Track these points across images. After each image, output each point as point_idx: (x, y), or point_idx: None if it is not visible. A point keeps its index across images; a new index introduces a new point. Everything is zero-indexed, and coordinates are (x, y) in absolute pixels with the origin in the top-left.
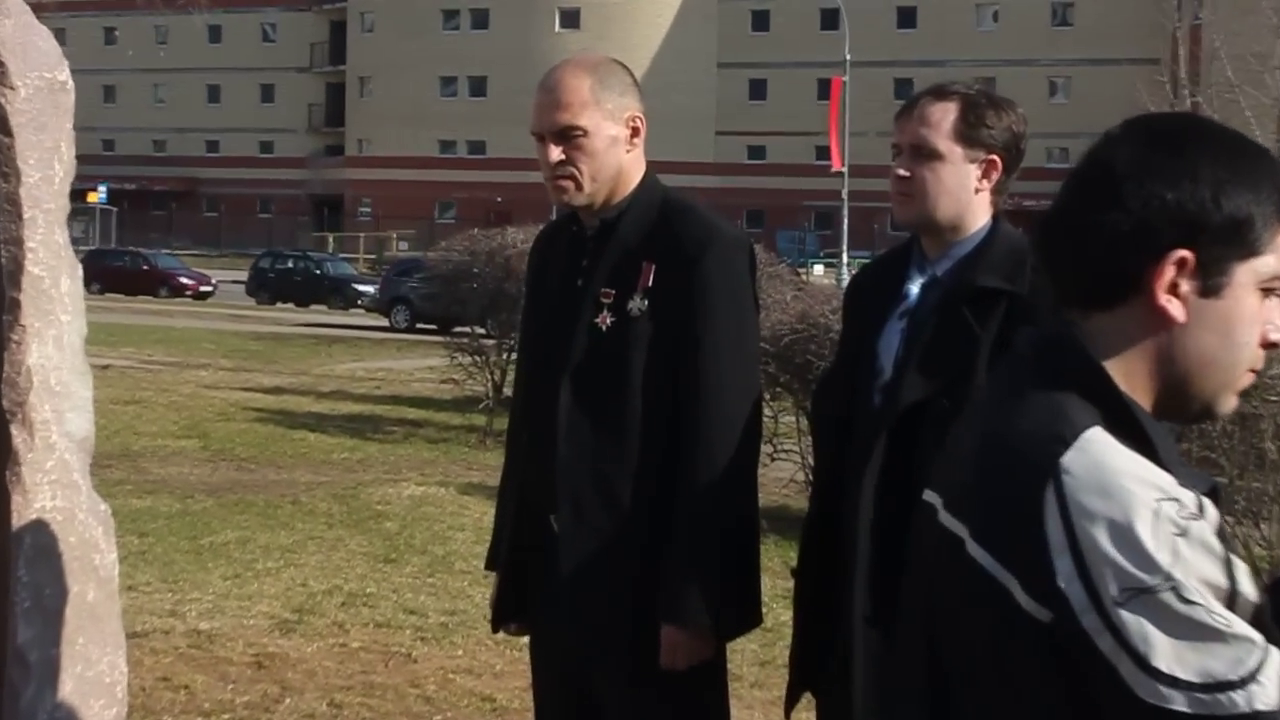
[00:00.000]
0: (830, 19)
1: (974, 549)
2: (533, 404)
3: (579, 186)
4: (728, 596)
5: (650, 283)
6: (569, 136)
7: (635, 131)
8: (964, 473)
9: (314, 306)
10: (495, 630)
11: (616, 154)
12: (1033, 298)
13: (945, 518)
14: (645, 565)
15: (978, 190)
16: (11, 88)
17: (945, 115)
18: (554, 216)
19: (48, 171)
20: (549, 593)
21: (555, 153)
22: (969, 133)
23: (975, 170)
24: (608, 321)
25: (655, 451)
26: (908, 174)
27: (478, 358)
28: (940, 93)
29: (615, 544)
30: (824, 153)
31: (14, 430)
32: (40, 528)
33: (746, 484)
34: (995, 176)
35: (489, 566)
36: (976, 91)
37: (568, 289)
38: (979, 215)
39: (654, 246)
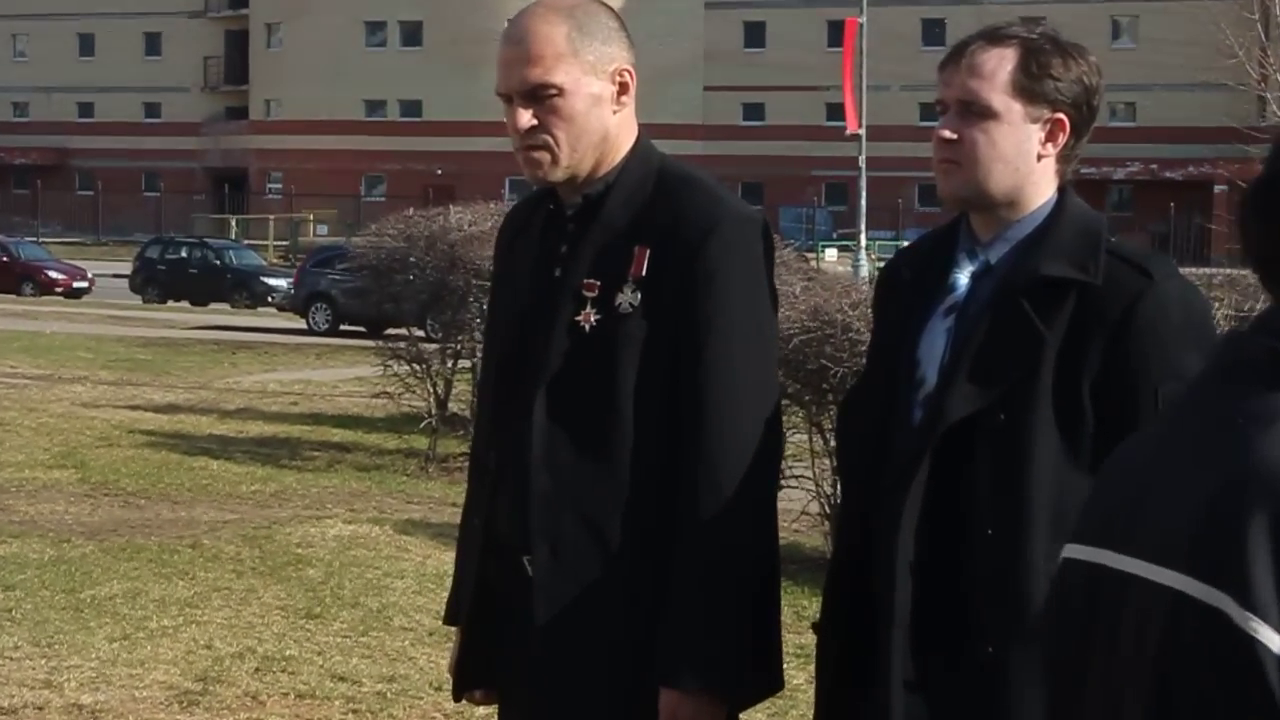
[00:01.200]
0: None
1: (1250, 624)
2: (501, 422)
3: (555, 158)
4: (740, 655)
5: (644, 271)
6: (541, 97)
7: (624, 88)
8: (1189, 521)
9: (214, 305)
10: (457, 699)
11: (600, 116)
12: (1108, 289)
13: (1173, 581)
14: (639, 617)
15: (1040, 157)
16: None
17: (1001, 64)
18: (505, 192)
19: None
20: (523, 652)
21: (525, 117)
22: (1030, 86)
23: (1038, 132)
24: (592, 320)
25: (651, 479)
26: (955, 136)
27: (417, 366)
28: (994, 36)
29: (603, 592)
30: (836, 111)
31: None
32: None
33: (762, 518)
34: (1062, 140)
35: (449, 621)
36: (1040, 34)
37: (543, 281)
38: (1042, 188)
39: (648, 228)
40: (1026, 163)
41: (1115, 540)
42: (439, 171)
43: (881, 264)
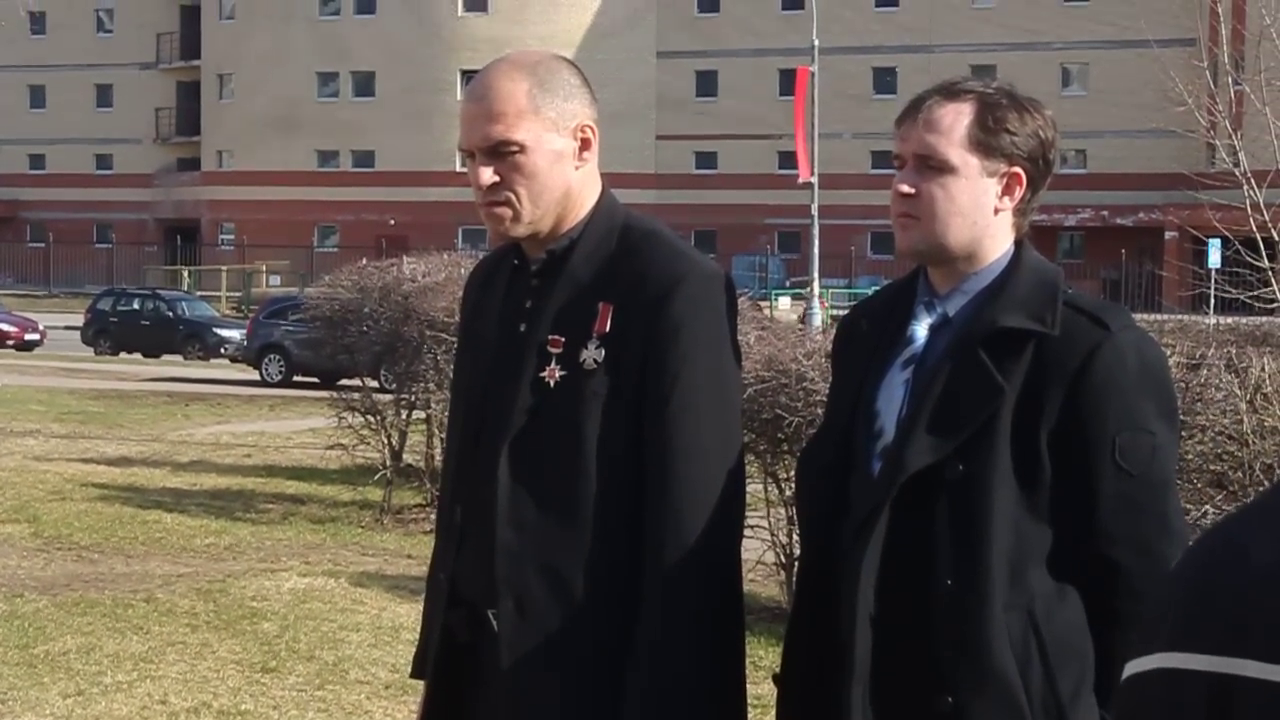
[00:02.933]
0: None
1: None
2: (466, 477)
3: (517, 214)
4: (704, 709)
5: (608, 327)
6: (503, 153)
7: (585, 144)
8: None
9: (167, 357)
10: None
11: (562, 172)
12: (1065, 340)
13: None
14: (604, 671)
15: (997, 210)
16: None
17: (958, 119)
18: (457, 242)
19: None
20: (488, 707)
21: (487, 174)
22: (987, 140)
23: (995, 186)
24: (556, 375)
25: (615, 534)
26: (912, 191)
27: (371, 418)
28: (950, 92)
29: (568, 645)
30: (789, 160)
31: None
32: None
33: (727, 573)
34: (1019, 193)
35: (415, 674)
36: (995, 89)
37: (508, 336)
38: (999, 241)
39: (612, 283)
40: (984, 216)
41: (1257, 648)
42: (392, 222)
43: (836, 312)
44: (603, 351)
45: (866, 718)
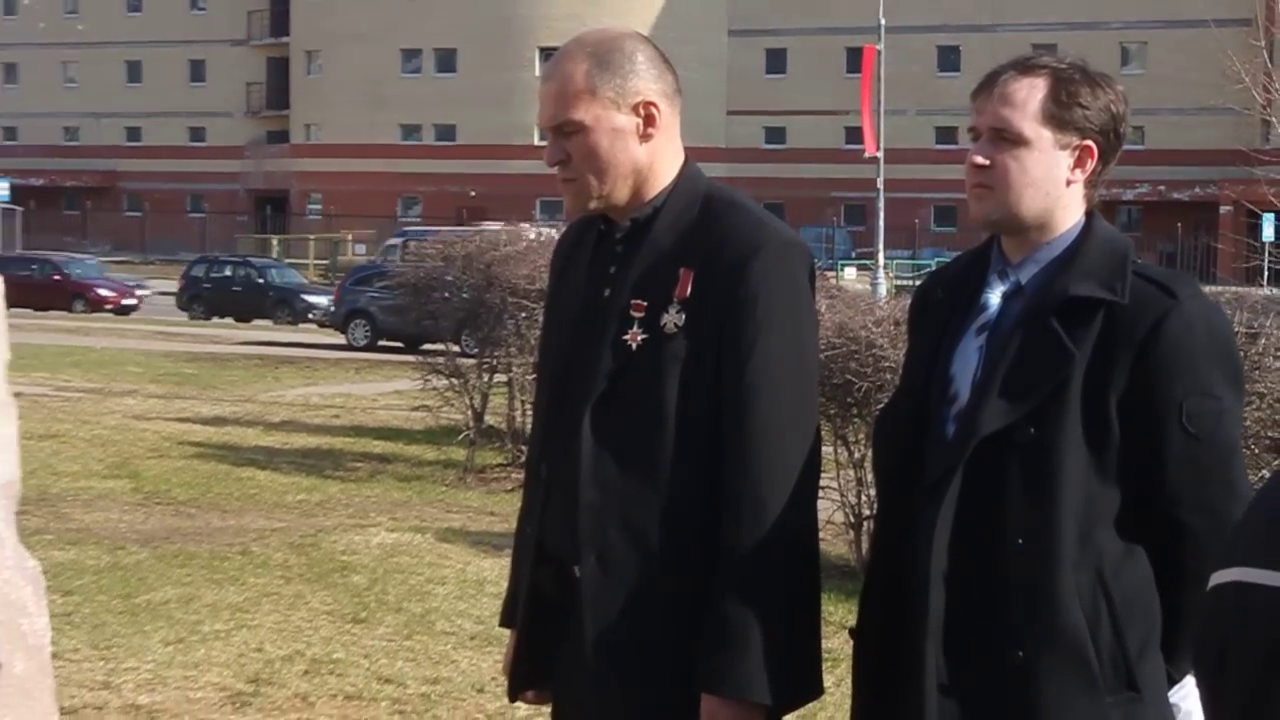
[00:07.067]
0: None
1: None
2: (552, 436)
3: (585, 189)
4: (780, 661)
5: (688, 292)
6: (568, 132)
7: (649, 119)
8: None
9: (257, 322)
10: (512, 699)
11: (626, 148)
12: (1134, 308)
13: None
14: (683, 624)
15: (1069, 182)
16: None
17: (1032, 93)
18: (535, 213)
19: None
20: (572, 655)
21: (554, 151)
22: (1060, 114)
23: (1067, 158)
24: (638, 339)
25: (695, 490)
26: (987, 162)
27: (455, 381)
28: (1025, 66)
29: (647, 599)
30: (855, 135)
31: None
32: None
33: (803, 527)
34: (1090, 165)
35: (504, 623)
36: (1069, 65)
37: (592, 300)
38: (1070, 211)
39: (693, 250)
40: (1056, 187)
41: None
42: (472, 193)
43: (899, 282)
44: (683, 316)
45: (940, 671)
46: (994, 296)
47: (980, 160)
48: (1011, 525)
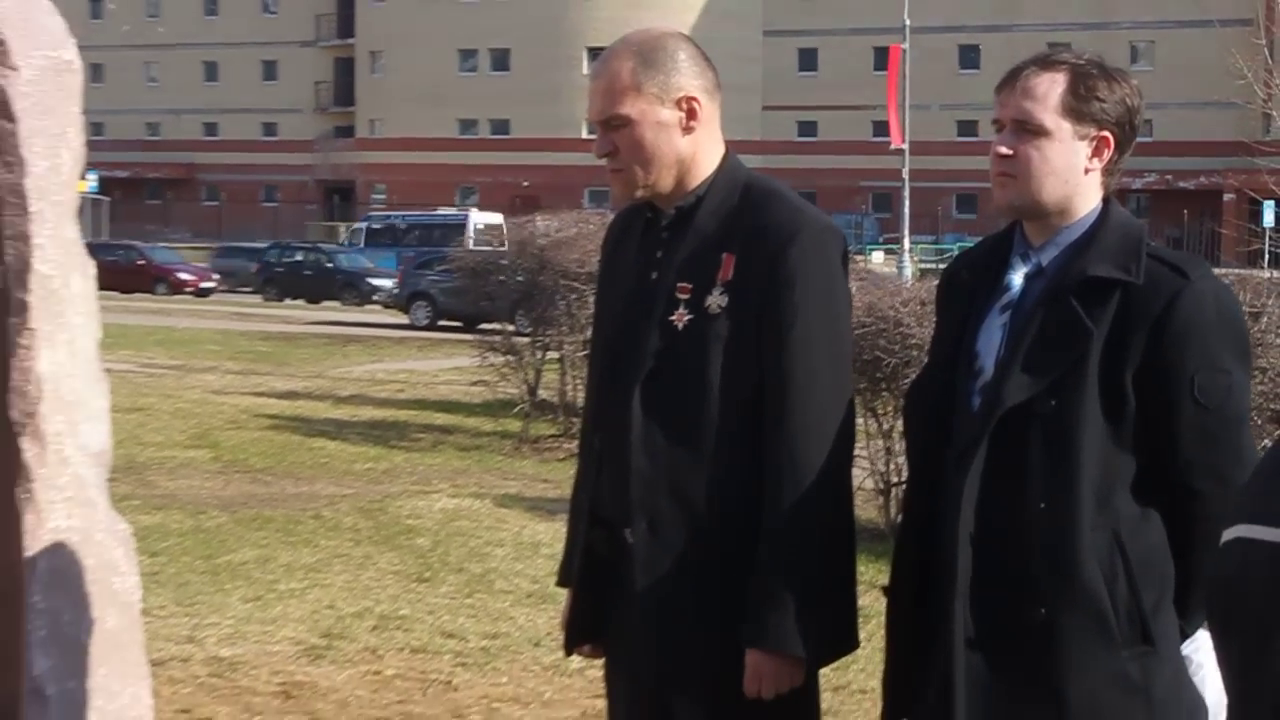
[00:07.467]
0: None
1: None
2: (604, 409)
3: (632, 179)
4: (819, 617)
5: (730, 275)
6: (615, 125)
7: (691, 113)
8: None
9: (326, 303)
10: (568, 653)
11: (669, 140)
12: (1149, 288)
13: None
14: (727, 583)
15: (1087, 170)
16: (13, 68)
17: (1052, 87)
18: (584, 202)
19: (55, 160)
20: (624, 612)
21: (603, 144)
22: (1079, 106)
23: (1085, 148)
24: (684, 319)
25: (737, 460)
26: (1010, 152)
27: (510, 358)
28: (1046, 62)
29: (694, 561)
30: (882, 128)
31: (24, 444)
32: (55, 550)
33: (838, 493)
34: (1107, 155)
35: (561, 583)
36: (1087, 61)
37: (640, 283)
38: (1089, 198)
39: (734, 236)
40: (1075, 175)
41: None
42: (525, 184)
43: (923, 265)
44: (726, 298)
45: (967, 627)
46: (1017, 277)
47: (1004, 150)
48: (1034, 490)
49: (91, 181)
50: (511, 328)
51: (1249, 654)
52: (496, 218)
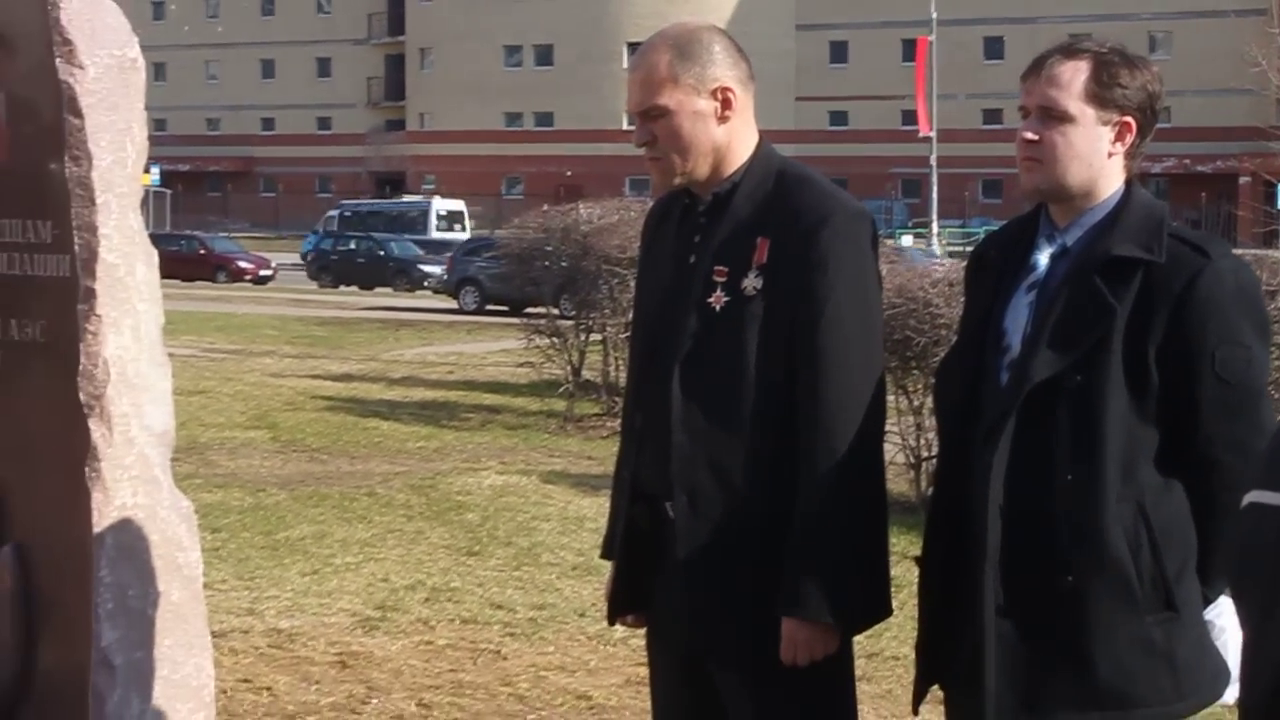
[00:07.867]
0: None
1: None
2: (645, 388)
3: (670, 167)
4: (852, 586)
5: (765, 259)
6: (653, 116)
7: (727, 103)
8: None
9: (378, 289)
10: (611, 623)
11: (705, 129)
12: (1170, 267)
13: None
14: (765, 554)
15: (1110, 154)
16: (80, 66)
17: (1076, 75)
18: (625, 190)
19: (120, 154)
20: (665, 584)
21: (642, 133)
22: (1101, 93)
23: (1108, 133)
24: (721, 301)
25: (773, 435)
26: (1036, 138)
27: (555, 340)
28: (1070, 51)
29: (733, 532)
30: (910, 117)
31: (92, 424)
32: (122, 526)
33: (871, 466)
34: (1129, 139)
35: (605, 555)
36: (1109, 49)
37: (679, 267)
38: (1112, 180)
39: (768, 220)
40: (1098, 159)
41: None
42: (568, 173)
43: (951, 248)
44: (761, 280)
45: (997, 595)
46: (1042, 257)
47: (1030, 136)
48: (1060, 463)
49: (154, 175)
50: (556, 311)
51: (1260, 613)
52: (459, 204)
